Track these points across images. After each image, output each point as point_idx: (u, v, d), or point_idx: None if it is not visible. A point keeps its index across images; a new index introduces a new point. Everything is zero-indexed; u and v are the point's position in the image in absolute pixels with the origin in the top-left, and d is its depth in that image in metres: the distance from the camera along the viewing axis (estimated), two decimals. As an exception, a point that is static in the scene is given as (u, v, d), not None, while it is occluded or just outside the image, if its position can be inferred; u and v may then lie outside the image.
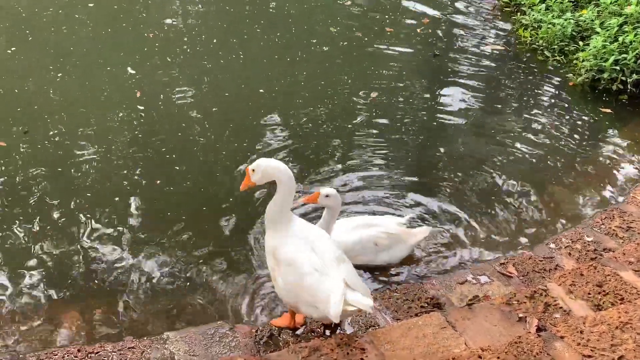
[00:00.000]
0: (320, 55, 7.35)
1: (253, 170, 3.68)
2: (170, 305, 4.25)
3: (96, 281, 4.39)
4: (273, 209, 3.67)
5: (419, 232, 4.73)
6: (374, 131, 6.14)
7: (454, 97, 6.80)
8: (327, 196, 4.29)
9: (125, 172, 5.39)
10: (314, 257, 3.59)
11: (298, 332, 3.94)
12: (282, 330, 3.92)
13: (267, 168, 3.65)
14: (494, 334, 3.63)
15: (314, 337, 3.78)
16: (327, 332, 3.93)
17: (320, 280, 3.54)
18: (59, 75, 6.57)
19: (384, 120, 6.31)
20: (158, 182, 5.29)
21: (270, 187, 4.41)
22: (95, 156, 5.53)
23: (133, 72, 6.74)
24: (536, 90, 7.01)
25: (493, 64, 7.42)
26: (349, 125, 6.18)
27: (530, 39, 7.68)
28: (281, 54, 7.31)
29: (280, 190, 3.64)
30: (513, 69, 7.40)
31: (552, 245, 4.74)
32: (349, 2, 8.50)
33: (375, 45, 7.63)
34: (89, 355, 3.66)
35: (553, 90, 7.00)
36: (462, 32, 8.09)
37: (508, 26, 8.18)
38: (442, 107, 6.64)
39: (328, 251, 3.63)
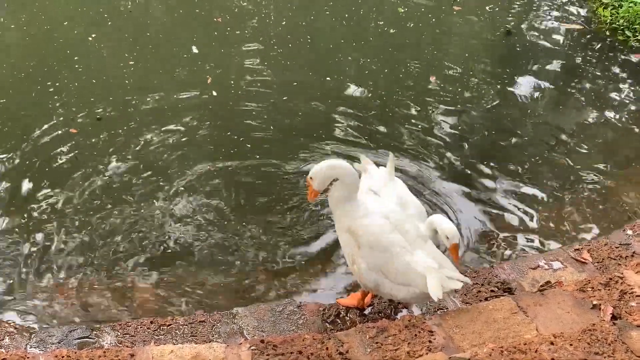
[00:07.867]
0: (387, 39, 7.26)
1: (311, 178, 3.52)
2: (240, 281, 4.33)
3: (168, 255, 4.51)
4: (335, 195, 3.53)
5: None
6: (439, 117, 6.00)
7: (526, 77, 6.60)
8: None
9: (196, 156, 5.44)
10: (399, 237, 3.52)
11: (365, 312, 3.95)
12: (350, 309, 3.94)
13: (324, 170, 3.47)
14: (567, 320, 3.53)
15: (381, 318, 3.79)
16: (395, 313, 3.94)
17: (413, 260, 3.49)
18: (131, 62, 6.69)
19: (450, 103, 6.17)
20: (230, 167, 5.33)
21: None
22: (166, 142, 5.59)
23: (203, 57, 6.80)
24: (615, 70, 6.74)
25: (570, 44, 7.17)
26: (414, 111, 6.06)
27: (610, 18, 7.38)
28: (348, 38, 7.24)
29: (342, 184, 3.49)
30: (591, 48, 7.13)
31: (629, 232, 4.55)
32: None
33: (442, 25, 7.48)
34: (161, 327, 3.77)
35: (634, 70, 6.71)
36: (536, 9, 7.83)
37: (586, 5, 7.87)
38: (513, 88, 6.46)
39: (412, 229, 3.58)
